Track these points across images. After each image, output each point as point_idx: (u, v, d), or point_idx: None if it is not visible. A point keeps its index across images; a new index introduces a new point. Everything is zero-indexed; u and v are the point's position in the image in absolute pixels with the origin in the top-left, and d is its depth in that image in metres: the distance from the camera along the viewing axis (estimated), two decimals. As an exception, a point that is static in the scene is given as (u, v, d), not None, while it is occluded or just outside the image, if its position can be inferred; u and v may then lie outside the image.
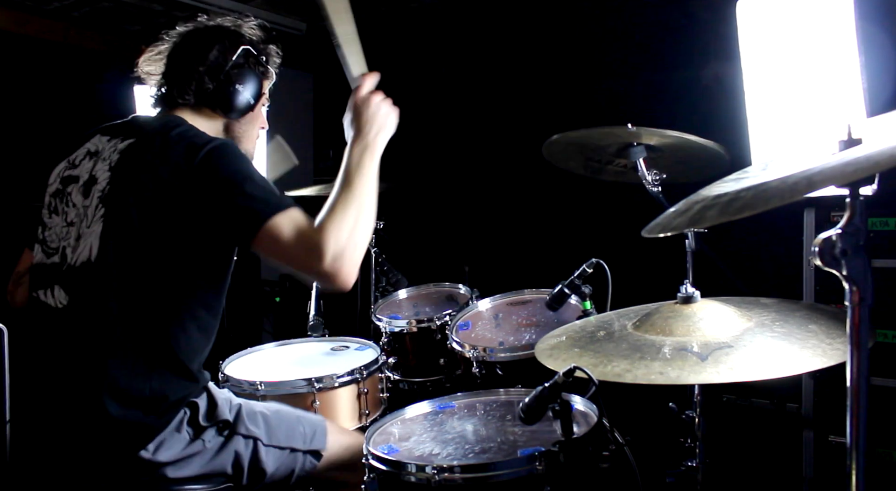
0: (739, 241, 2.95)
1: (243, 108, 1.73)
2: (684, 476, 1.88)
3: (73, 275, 1.50)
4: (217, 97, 1.68)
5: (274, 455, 1.66)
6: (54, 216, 1.59)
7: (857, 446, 0.92)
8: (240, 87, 1.70)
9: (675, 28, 3.31)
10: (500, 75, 4.00)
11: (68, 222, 1.55)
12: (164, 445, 1.48)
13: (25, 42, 3.85)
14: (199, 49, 1.68)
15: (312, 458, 1.73)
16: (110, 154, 1.57)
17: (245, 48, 1.71)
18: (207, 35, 1.71)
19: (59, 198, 1.59)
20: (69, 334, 1.49)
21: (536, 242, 3.71)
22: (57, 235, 1.56)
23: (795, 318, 1.30)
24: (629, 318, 1.46)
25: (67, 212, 1.56)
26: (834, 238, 0.89)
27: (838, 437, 2.23)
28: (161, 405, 1.48)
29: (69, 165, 1.63)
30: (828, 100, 1.84)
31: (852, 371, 0.92)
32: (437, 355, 2.46)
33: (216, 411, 1.58)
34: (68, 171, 1.61)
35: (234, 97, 1.69)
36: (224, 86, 1.68)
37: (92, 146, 1.62)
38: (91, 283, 1.48)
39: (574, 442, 1.34)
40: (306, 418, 1.78)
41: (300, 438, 1.72)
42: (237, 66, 1.69)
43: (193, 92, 1.67)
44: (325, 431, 1.78)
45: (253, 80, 1.73)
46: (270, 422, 1.68)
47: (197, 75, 1.66)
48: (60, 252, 1.53)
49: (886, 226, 2.16)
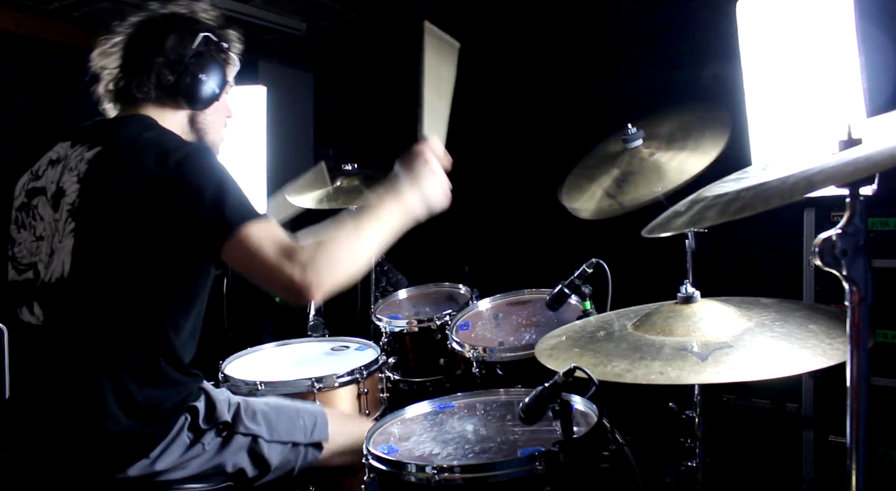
0: (739, 242, 2.95)
1: (208, 99, 1.64)
2: (684, 476, 1.88)
3: (48, 291, 1.45)
4: (179, 89, 1.59)
5: (276, 451, 1.66)
6: (22, 231, 1.51)
7: (857, 446, 0.92)
8: (203, 76, 1.61)
9: (675, 28, 3.31)
10: (500, 75, 4.00)
11: (37, 237, 1.48)
12: (165, 453, 1.47)
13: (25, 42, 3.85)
14: (156, 39, 1.58)
15: (314, 449, 1.73)
16: (77, 164, 1.48)
17: (204, 35, 1.62)
18: (163, 24, 1.61)
19: (26, 211, 1.52)
20: (51, 351, 1.45)
21: (536, 242, 3.71)
22: (27, 251, 1.49)
23: (795, 318, 1.30)
24: (629, 318, 1.46)
25: (35, 226, 1.49)
26: (834, 238, 0.89)
27: (838, 437, 2.23)
28: (157, 414, 1.46)
29: (32, 176, 1.54)
30: (828, 100, 1.83)
31: (852, 371, 0.92)
32: (437, 355, 2.46)
33: (215, 413, 1.57)
34: (32, 183, 1.53)
35: (197, 88, 1.61)
36: (186, 77, 1.58)
37: (54, 154, 1.54)
38: (67, 299, 1.43)
39: (574, 442, 1.34)
40: (306, 410, 1.78)
41: (301, 432, 1.71)
42: (198, 55, 1.60)
43: (154, 85, 1.57)
44: (325, 421, 1.77)
45: (216, 69, 1.64)
46: (270, 418, 1.67)
47: (156, 67, 1.57)
48: (33, 268, 1.47)
49: (886, 226, 2.16)
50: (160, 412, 1.47)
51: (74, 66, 4.26)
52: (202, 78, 1.61)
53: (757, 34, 2.02)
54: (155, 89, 1.58)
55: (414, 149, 1.58)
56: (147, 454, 1.44)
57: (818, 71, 1.85)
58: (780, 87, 1.97)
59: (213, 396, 1.59)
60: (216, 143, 1.74)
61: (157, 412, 1.46)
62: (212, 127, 1.71)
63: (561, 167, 2.25)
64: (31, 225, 1.50)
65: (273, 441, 1.65)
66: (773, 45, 1.98)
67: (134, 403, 1.43)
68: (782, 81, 1.96)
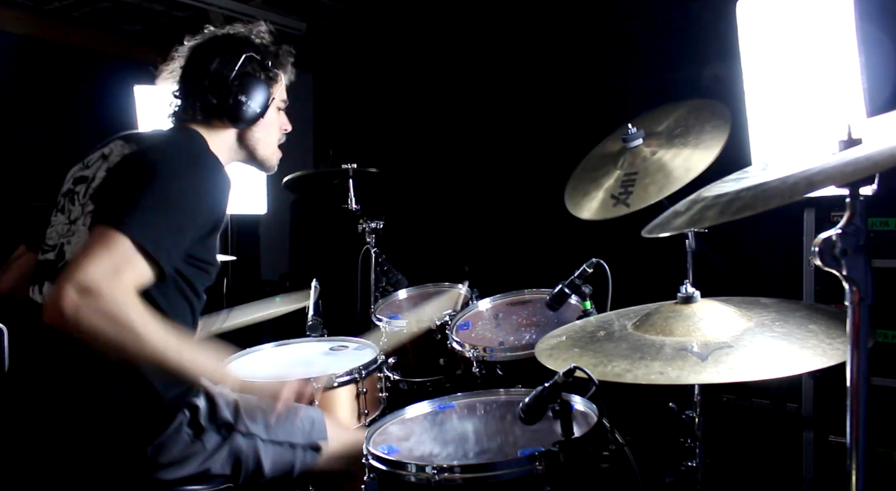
0: (739, 242, 2.94)
1: (250, 118, 1.70)
2: (684, 476, 1.87)
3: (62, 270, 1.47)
4: (223, 110, 1.67)
5: (274, 451, 1.66)
6: (59, 214, 1.59)
7: (857, 446, 0.92)
8: (243, 97, 1.67)
9: (675, 28, 3.31)
10: (501, 75, 4.00)
11: (71, 220, 1.56)
12: (165, 448, 1.48)
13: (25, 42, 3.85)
14: (203, 63, 1.67)
15: (313, 451, 1.73)
16: (114, 157, 1.59)
17: (248, 55, 1.68)
18: (210, 47, 1.70)
19: (69, 197, 1.60)
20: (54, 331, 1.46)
21: (536, 242, 3.71)
22: (57, 233, 1.56)
23: (795, 318, 1.30)
24: (629, 318, 1.46)
25: (72, 210, 1.57)
26: (834, 238, 0.89)
27: (838, 437, 2.23)
28: (158, 402, 1.48)
29: (83, 166, 1.64)
30: (828, 100, 1.83)
31: (852, 371, 0.92)
32: (437, 355, 2.46)
33: (217, 412, 1.58)
34: (81, 172, 1.62)
35: (238, 108, 1.67)
36: (228, 98, 1.66)
37: (107, 149, 1.63)
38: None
39: (574, 442, 1.34)
40: (304, 411, 1.78)
41: (299, 432, 1.72)
42: (241, 76, 1.67)
43: (199, 108, 1.67)
44: (323, 423, 1.78)
45: (258, 88, 1.70)
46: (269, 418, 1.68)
47: (201, 91, 1.66)
48: (58, 249, 1.54)
49: (886, 226, 2.16)
50: (160, 401, 1.48)
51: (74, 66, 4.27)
52: (242, 98, 1.67)
53: (757, 34, 2.02)
54: (200, 111, 1.67)
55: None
56: (145, 442, 1.45)
57: (818, 71, 1.85)
58: (780, 87, 1.97)
59: (213, 394, 1.60)
60: (268, 158, 1.81)
61: (158, 401, 1.48)
62: (261, 143, 1.77)
63: (561, 167, 2.25)
64: (68, 209, 1.58)
65: (271, 441, 1.66)
66: (773, 45, 1.97)
67: (135, 389, 1.45)
68: (782, 81, 1.96)
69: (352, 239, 3.01)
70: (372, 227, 2.94)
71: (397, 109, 4.42)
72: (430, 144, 4.19)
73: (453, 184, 4.16)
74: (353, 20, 4.28)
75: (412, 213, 3.96)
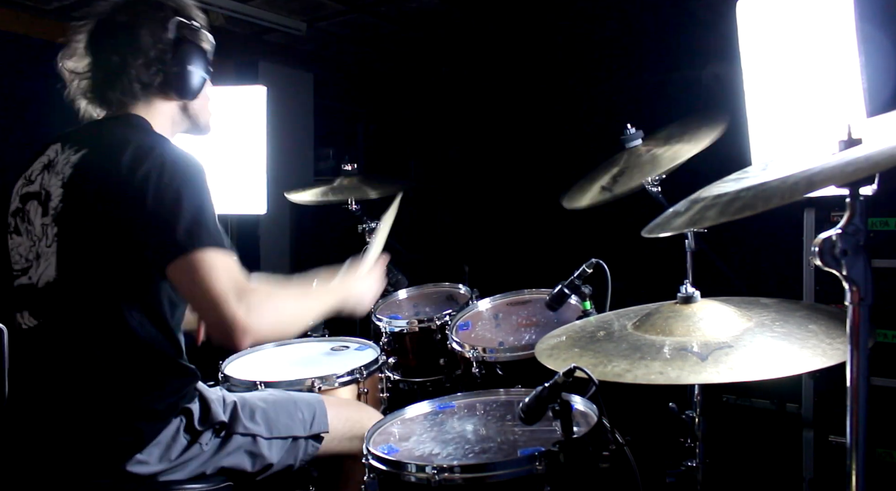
0: (739, 242, 2.95)
1: (198, 87, 1.59)
2: (684, 476, 1.87)
3: (38, 296, 1.44)
4: (168, 84, 1.53)
5: (276, 447, 1.66)
6: (15, 236, 1.50)
7: (857, 447, 0.92)
8: (190, 67, 1.54)
9: (675, 28, 3.31)
10: (501, 75, 4.00)
11: (32, 241, 1.47)
12: (163, 455, 1.47)
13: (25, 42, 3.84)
14: (127, 37, 1.50)
15: (314, 441, 1.73)
16: (63, 167, 1.46)
17: (177, 20, 1.53)
18: (128, 18, 1.51)
19: (20, 217, 1.50)
20: (46, 354, 1.45)
21: (536, 242, 3.71)
22: (22, 256, 1.48)
23: (795, 318, 1.30)
24: (629, 318, 1.46)
25: (30, 230, 1.47)
26: (834, 238, 0.89)
27: (838, 437, 2.23)
28: (150, 413, 1.46)
29: (26, 181, 1.51)
30: (828, 100, 1.83)
31: (852, 371, 0.92)
32: (437, 355, 2.46)
33: (210, 414, 1.56)
34: (26, 188, 1.50)
35: (186, 79, 1.54)
36: (171, 71, 1.52)
37: (46, 158, 1.50)
38: (55, 303, 1.43)
39: (574, 442, 1.34)
40: (304, 401, 1.77)
41: (300, 425, 1.71)
42: (176, 45, 1.52)
43: (139, 87, 1.51)
44: (324, 411, 1.77)
45: (197, 53, 1.56)
46: (269, 415, 1.67)
47: (136, 69, 1.50)
48: (27, 273, 1.47)
49: (886, 226, 2.16)
50: (153, 412, 1.46)
51: (74, 66, 4.17)
52: (189, 68, 1.55)
53: (757, 34, 2.02)
54: (141, 90, 1.53)
55: (359, 269, 1.75)
56: (137, 452, 1.43)
57: (818, 71, 1.85)
58: (780, 87, 1.97)
59: (207, 397, 1.58)
60: (208, 125, 1.70)
61: (150, 412, 1.46)
62: (202, 110, 1.66)
63: (561, 167, 2.26)
64: (26, 230, 1.49)
65: (273, 438, 1.65)
66: (773, 45, 1.97)
67: (128, 402, 1.43)
68: (782, 81, 1.96)
69: (352, 239, 3.01)
70: (372, 227, 2.94)
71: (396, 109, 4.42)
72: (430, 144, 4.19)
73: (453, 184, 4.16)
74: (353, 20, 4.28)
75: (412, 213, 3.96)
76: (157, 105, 1.57)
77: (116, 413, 1.43)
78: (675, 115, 2.12)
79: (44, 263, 1.44)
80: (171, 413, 1.50)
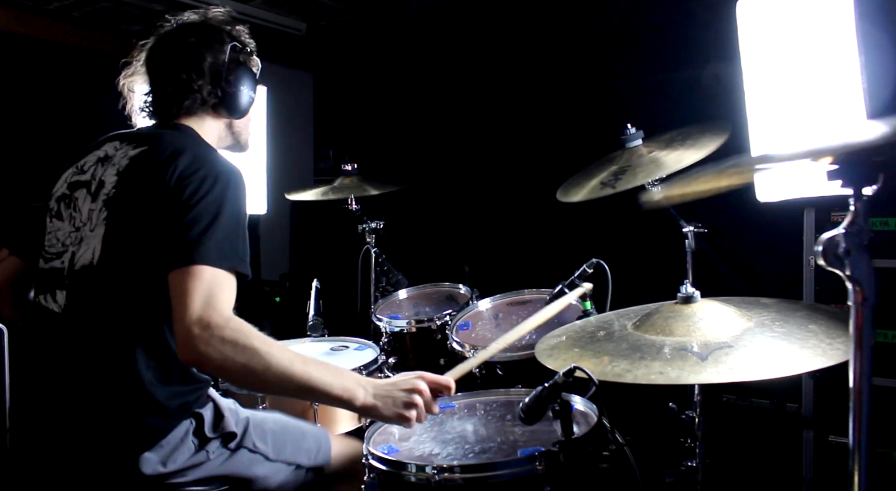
0: (739, 242, 2.94)
1: (248, 107, 1.71)
2: (684, 476, 1.88)
3: (73, 278, 1.48)
4: (221, 103, 1.65)
5: (278, 470, 1.65)
6: (56, 221, 1.55)
7: (859, 447, 0.91)
8: (243, 88, 1.66)
9: (675, 28, 3.31)
10: (500, 75, 4.00)
11: (75, 227, 1.52)
12: (170, 456, 1.47)
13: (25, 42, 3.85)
14: (190, 58, 1.61)
15: (314, 474, 1.73)
16: (120, 159, 1.54)
17: (232, 44, 1.65)
18: (189, 40, 1.63)
19: (66, 202, 1.56)
20: (69, 338, 1.48)
21: (536, 242, 3.71)
22: (59, 240, 1.53)
23: (795, 318, 1.30)
24: (629, 318, 1.46)
25: (75, 217, 1.53)
26: (838, 238, 0.89)
27: (838, 437, 2.23)
28: (164, 409, 1.47)
29: (77, 171, 1.58)
30: (828, 100, 1.84)
31: (855, 371, 0.92)
32: (437, 355, 2.46)
33: (222, 423, 1.56)
34: (76, 177, 1.57)
35: (239, 99, 1.66)
36: (225, 91, 1.63)
37: (102, 152, 1.58)
38: (90, 286, 1.46)
39: (574, 442, 1.34)
40: (311, 432, 1.78)
41: (305, 454, 1.71)
42: (231, 67, 1.64)
43: (198, 103, 1.62)
44: (329, 445, 1.77)
45: (248, 76, 1.69)
46: (278, 437, 1.67)
47: (198, 88, 1.61)
48: (67, 256, 1.51)
49: (887, 226, 2.16)
50: (164, 409, 1.47)
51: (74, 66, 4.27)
52: (242, 89, 1.66)
53: (757, 34, 2.02)
54: (199, 107, 1.63)
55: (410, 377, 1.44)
56: (148, 449, 1.44)
57: (818, 71, 1.85)
58: (780, 87, 1.97)
59: (220, 405, 1.59)
60: (248, 143, 1.80)
61: (164, 408, 1.47)
62: (245, 129, 1.76)
63: (561, 167, 2.25)
64: (70, 216, 1.54)
65: (278, 461, 1.65)
66: (773, 45, 1.98)
67: (141, 393, 1.44)
68: (782, 81, 1.96)
69: (352, 239, 3.01)
70: (372, 227, 2.94)
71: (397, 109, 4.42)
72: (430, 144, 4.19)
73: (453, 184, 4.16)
74: (353, 20, 4.28)
75: (412, 213, 3.96)
76: (207, 121, 1.67)
77: (130, 403, 1.44)
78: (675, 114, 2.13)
79: (84, 246, 1.48)
80: (183, 414, 1.50)
